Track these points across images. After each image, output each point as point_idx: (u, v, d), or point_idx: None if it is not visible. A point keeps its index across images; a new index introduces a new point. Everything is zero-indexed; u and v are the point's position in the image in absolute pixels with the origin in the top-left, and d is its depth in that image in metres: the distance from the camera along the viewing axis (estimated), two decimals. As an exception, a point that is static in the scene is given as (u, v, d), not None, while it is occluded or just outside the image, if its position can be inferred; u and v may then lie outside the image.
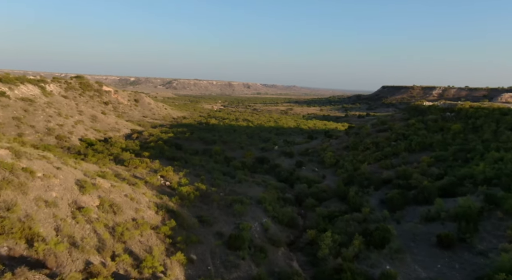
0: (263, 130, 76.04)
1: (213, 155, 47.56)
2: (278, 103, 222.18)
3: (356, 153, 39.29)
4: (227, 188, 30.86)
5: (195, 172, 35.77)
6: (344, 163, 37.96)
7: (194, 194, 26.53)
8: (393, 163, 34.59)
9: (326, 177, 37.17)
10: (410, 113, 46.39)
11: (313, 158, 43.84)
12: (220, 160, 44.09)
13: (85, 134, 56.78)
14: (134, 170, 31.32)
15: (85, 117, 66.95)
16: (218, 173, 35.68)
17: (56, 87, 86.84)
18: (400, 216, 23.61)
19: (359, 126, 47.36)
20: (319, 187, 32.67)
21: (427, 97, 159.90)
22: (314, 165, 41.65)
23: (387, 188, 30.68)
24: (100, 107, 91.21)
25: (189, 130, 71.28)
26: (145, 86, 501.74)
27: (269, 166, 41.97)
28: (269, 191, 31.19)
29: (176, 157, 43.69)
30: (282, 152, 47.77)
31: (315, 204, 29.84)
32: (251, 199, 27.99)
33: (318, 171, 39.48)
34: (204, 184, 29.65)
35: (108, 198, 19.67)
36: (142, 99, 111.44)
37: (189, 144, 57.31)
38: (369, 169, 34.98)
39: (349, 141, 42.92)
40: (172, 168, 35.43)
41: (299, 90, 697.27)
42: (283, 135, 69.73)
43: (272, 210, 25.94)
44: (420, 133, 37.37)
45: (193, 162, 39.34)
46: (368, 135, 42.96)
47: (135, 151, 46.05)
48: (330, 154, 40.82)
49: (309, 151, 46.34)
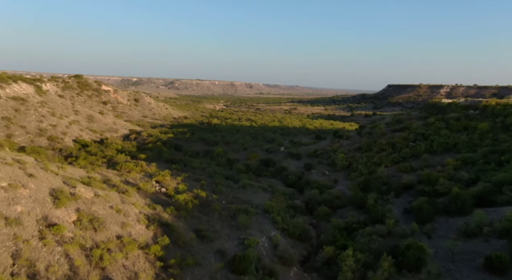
0: (267, 130, 72.82)
1: (215, 157, 44.45)
2: (281, 103, 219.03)
3: (370, 154, 36.01)
4: (230, 194, 27.70)
5: (195, 177, 32.64)
6: (358, 165, 34.73)
7: (192, 202, 23.39)
8: (413, 166, 31.31)
9: (338, 182, 33.95)
10: (427, 111, 43.03)
11: (322, 160, 40.60)
12: (223, 162, 40.97)
13: (80, 135, 53.79)
14: (127, 175, 28.22)
15: (81, 117, 64.02)
16: (220, 178, 32.54)
17: (53, 86, 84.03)
18: (431, 229, 20.37)
19: (372, 126, 44.12)
20: (332, 193, 29.46)
21: (435, 95, 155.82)
22: (324, 168, 38.43)
23: (409, 194, 27.44)
24: (98, 106, 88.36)
25: (190, 131, 68.20)
26: (147, 87, 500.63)
27: (275, 169, 38.83)
28: (276, 198, 28.00)
29: (175, 159, 40.61)
30: (289, 154, 44.59)
31: (329, 213, 26.67)
32: (257, 208, 24.82)
33: (329, 174, 36.27)
34: (204, 191, 26.52)
35: (89, 211, 16.57)
36: (142, 98, 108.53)
37: (190, 145, 54.22)
38: (387, 173, 31.72)
39: (362, 141, 39.66)
40: (170, 172, 32.33)
41: (301, 90, 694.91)
42: (288, 135, 66.49)
43: (281, 222, 22.76)
44: (442, 133, 34.06)
45: (193, 165, 36.25)
46: (383, 135, 39.67)
47: (131, 153, 43.02)
48: (341, 156, 37.58)
49: (318, 152, 43.11)
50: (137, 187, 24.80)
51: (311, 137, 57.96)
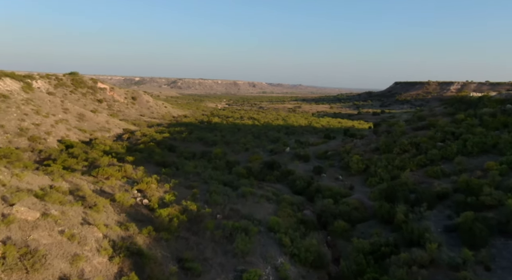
0: (270, 129, 68.02)
1: (213, 159, 39.77)
2: (285, 101, 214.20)
3: (390, 156, 31.15)
4: (227, 206, 22.93)
5: (187, 183, 27.95)
6: (377, 169, 29.87)
7: (179, 219, 18.67)
8: (444, 170, 26.40)
9: (354, 188, 29.11)
10: (454, 106, 38.08)
11: (334, 162, 35.76)
12: (221, 165, 36.27)
13: (67, 134, 49.29)
14: (103, 183, 23.55)
15: (71, 115, 59.55)
16: (216, 184, 27.82)
17: (44, 84, 79.79)
18: (488, 257, 15.54)
19: (390, 123, 39.25)
20: (349, 203, 24.63)
21: (445, 92, 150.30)
22: (336, 171, 33.60)
23: (445, 206, 22.58)
24: (93, 105, 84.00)
25: (187, 130, 63.58)
26: (149, 86, 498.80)
27: (280, 173, 34.06)
28: (283, 210, 23.23)
29: (166, 162, 35.98)
30: (295, 155, 39.79)
31: (347, 228, 21.91)
32: (259, 225, 20.04)
33: (342, 179, 31.44)
34: (195, 202, 21.80)
35: (23, 241, 11.96)
36: (140, 97, 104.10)
37: (186, 145, 49.58)
38: (413, 178, 26.85)
39: (379, 141, 34.80)
40: (158, 178, 27.64)
41: (305, 89, 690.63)
42: (294, 134, 61.72)
43: (290, 244, 17.98)
44: (476, 131, 29.19)
45: (186, 169, 31.58)
46: (403, 134, 34.82)
47: (119, 155, 38.43)
48: (356, 158, 32.72)
49: (328, 153, 38.29)
50: (112, 198, 20.19)
51: (319, 136, 53.19)
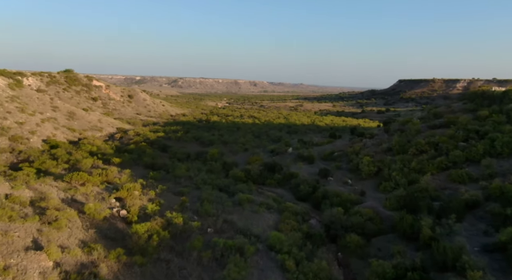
0: (272, 128, 64.69)
1: (208, 161, 36.46)
2: (287, 100, 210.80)
3: (405, 158, 27.80)
4: (220, 217, 19.60)
5: (176, 189, 24.67)
6: (391, 173, 26.50)
7: (159, 236, 15.34)
8: (470, 174, 23.02)
9: (366, 194, 25.75)
10: (475, 102, 34.67)
11: (341, 164, 32.41)
12: (217, 168, 32.94)
13: (53, 134, 46.05)
14: (76, 190, 20.25)
15: (60, 113, 56.33)
16: (210, 190, 24.53)
17: (36, 81, 76.62)
18: (548, 290, 12.14)
19: (403, 121, 35.84)
20: (362, 213, 21.24)
21: (451, 90, 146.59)
22: (344, 174, 30.25)
23: (476, 217, 19.23)
24: (86, 103, 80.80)
25: (184, 129, 60.28)
26: (150, 85, 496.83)
27: (282, 176, 30.73)
28: (285, 222, 19.89)
29: (156, 164, 32.70)
30: (299, 156, 36.43)
31: (361, 244, 18.54)
32: (257, 242, 16.72)
33: (352, 184, 28.09)
34: (183, 213, 18.54)
35: None
36: (136, 95, 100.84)
37: (181, 145, 46.28)
38: (434, 183, 23.49)
39: (392, 141, 31.42)
40: (144, 183, 24.43)
41: (306, 88, 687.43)
42: (296, 133, 58.38)
43: (294, 269, 14.61)
44: (505, 129, 25.76)
45: (176, 172, 28.23)
46: (418, 133, 31.44)
47: (106, 156, 35.18)
48: (367, 160, 29.37)
49: (334, 154, 34.92)
50: (82, 209, 16.93)
51: (323, 136, 49.81)
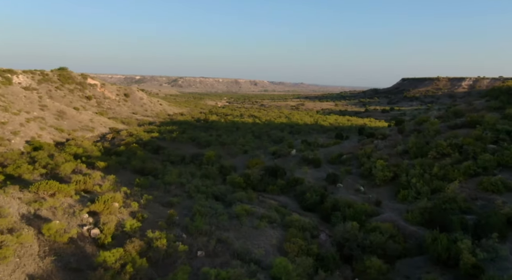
0: (273, 128, 61.44)
1: (204, 164, 33.26)
2: (287, 99, 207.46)
3: (425, 162, 24.57)
4: (214, 234, 16.37)
5: (165, 198, 21.43)
6: (410, 179, 23.25)
7: (135, 266, 12.18)
8: (506, 183, 19.79)
9: (382, 204, 22.50)
10: (500, 99, 31.38)
11: (351, 169, 29.14)
12: (213, 172, 29.71)
13: (38, 134, 42.88)
14: (44, 202, 17.04)
15: (49, 113, 53.18)
16: (203, 199, 21.33)
17: (27, 79, 73.45)
18: None
19: (418, 120, 32.47)
20: (382, 229, 17.98)
21: (456, 89, 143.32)
22: (355, 180, 26.99)
23: (522, 236, 15.97)
24: (80, 102, 77.61)
25: (180, 129, 57.10)
26: (150, 84, 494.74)
27: (286, 182, 27.53)
28: (291, 241, 16.67)
29: (146, 168, 29.46)
30: (303, 159, 33.19)
31: (384, 270, 15.30)
32: (258, 270, 13.57)
33: (365, 191, 24.83)
34: (169, 231, 15.36)
35: None
36: (133, 93, 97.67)
37: (176, 147, 43.08)
38: (463, 193, 20.24)
39: (408, 142, 28.16)
40: (128, 192, 21.22)
41: (307, 87, 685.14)
42: (299, 133, 55.14)
43: (306, 311, 11.43)
44: (542, 129, 22.75)
45: (166, 179, 24.97)
46: (438, 133, 28.20)
47: (91, 159, 31.97)
48: (381, 164, 26.11)
49: (343, 157, 31.65)
50: (42, 229, 13.75)
51: (328, 136, 46.50)
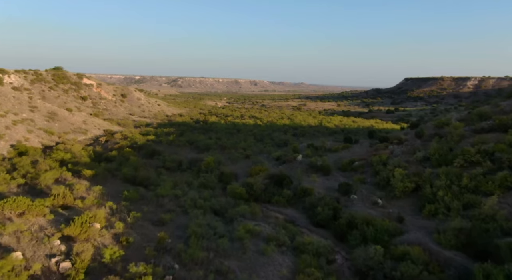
0: (275, 130, 58.61)
1: (202, 171, 30.44)
2: (288, 99, 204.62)
3: (451, 171, 21.78)
4: (212, 264, 13.59)
5: (157, 215, 18.59)
6: (436, 191, 20.44)
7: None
8: (553, 198, 17.00)
9: (405, 221, 19.65)
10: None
11: (365, 177, 26.34)
12: (212, 181, 26.90)
13: (26, 138, 40.08)
14: (9, 224, 14.27)
15: (39, 114, 50.40)
16: (201, 216, 18.55)
17: (19, 79, 70.65)
18: None
19: (438, 123, 29.61)
20: (413, 256, 15.14)
21: (461, 89, 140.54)
22: (371, 191, 24.18)
23: None
24: (74, 102, 74.83)
25: (178, 131, 54.30)
26: (150, 84, 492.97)
27: (293, 193, 24.72)
28: (305, 272, 13.86)
29: (138, 177, 26.62)
30: (311, 166, 30.35)
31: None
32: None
33: (383, 204, 22.01)
34: (157, 262, 12.59)
35: None
36: (130, 93, 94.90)
37: (172, 151, 40.24)
38: (502, 209, 17.40)
39: (429, 148, 25.36)
40: (113, 207, 18.48)
41: (307, 87, 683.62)
42: (304, 136, 52.33)
43: None
44: None
45: (160, 191, 22.11)
46: (462, 138, 25.44)
47: (78, 166, 29.17)
48: (400, 173, 23.29)
49: (355, 164, 28.84)
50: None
51: (335, 139, 43.64)
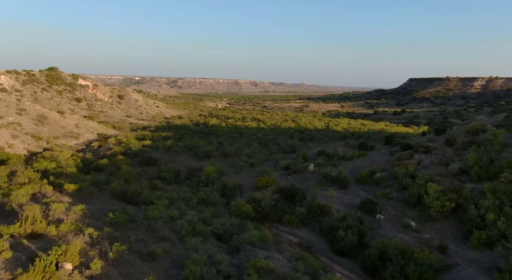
0: (280, 134, 55.10)
1: (202, 183, 26.95)
2: (290, 100, 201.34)
3: (498, 187, 18.37)
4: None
5: (146, 247, 15.03)
6: (485, 214, 17.02)
7: None
8: None
9: (450, 252, 16.19)
10: None
11: (391, 192, 22.87)
12: (213, 197, 23.40)
13: (9, 144, 36.66)
14: None
15: (27, 118, 46.97)
16: (201, 250, 15.07)
17: (9, 80, 67.24)
18: None
19: (471, 129, 26.18)
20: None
21: (468, 89, 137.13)
22: (399, 209, 20.71)
23: None
24: (68, 104, 71.41)
25: (176, 135, 50.85)
26: (149, 85, 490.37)
27: (307, 210, 21.30)
28: None
29: (129, 192, 23.12)
30: (325, 177, 26.85)
31: None
32: None
33: (417, 227, 18.55)
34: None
35: None
36: (127, 95, 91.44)
37: (170, 158, 36.76)
38: None
39: (465, 159, 21.94)
40: (93, 235, 14.97)
41: (308, 88, 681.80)
42: (312, 141, 48.73)
43: None
44: None
45: (150, 213, 18.55)
46: (504, 147, 22.06)
47: (62, 179, 25.68)
48: (435, 189, 19.88)
49: (376, 176, 25.33)
50: None
51: (347, 145, 39.87)
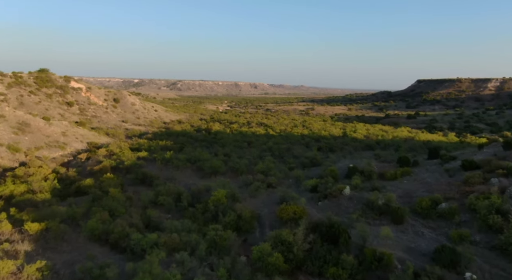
0: (294, 142, 49.05)
1: (209, 212, 20.84)
2: (293, 103, 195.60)
3: None
4: None
5: None
6: None
7: None
8: None
9: None
10: None
11: (472, 233, 16.86)
12: (227, 238, 17.32)
13: (-23, 158, 30.59)
14: None
15: (5, 125, 40.96)
16: None
17: (-7, 82, 61.23)
18: None
19: None
20: None
21: (481, 91, 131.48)
22: (492, 262, 14.91)
23: None
24: (58, 109, 65.41)
25: (176, 144, 44.90)
26: (148, 88, 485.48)
27: (356, 258, 15.34)
28: None
29: (113, 233, 17.10)
30: (368, 206, 20.99)
31: None
32: None
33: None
34: None
35: None
36: (123, 98, 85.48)
37: (169, 175, 30.70)
38: None
39: None
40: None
41: (307, 90, 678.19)
42: (333, 152, 42.50)
43: None
44: None
45: (142, 267, 12.55)
46: None
47: (27, 210, 19.69)
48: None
49: (441, 206, 19.34)
50: None
51: (377, 158, 33.76)
